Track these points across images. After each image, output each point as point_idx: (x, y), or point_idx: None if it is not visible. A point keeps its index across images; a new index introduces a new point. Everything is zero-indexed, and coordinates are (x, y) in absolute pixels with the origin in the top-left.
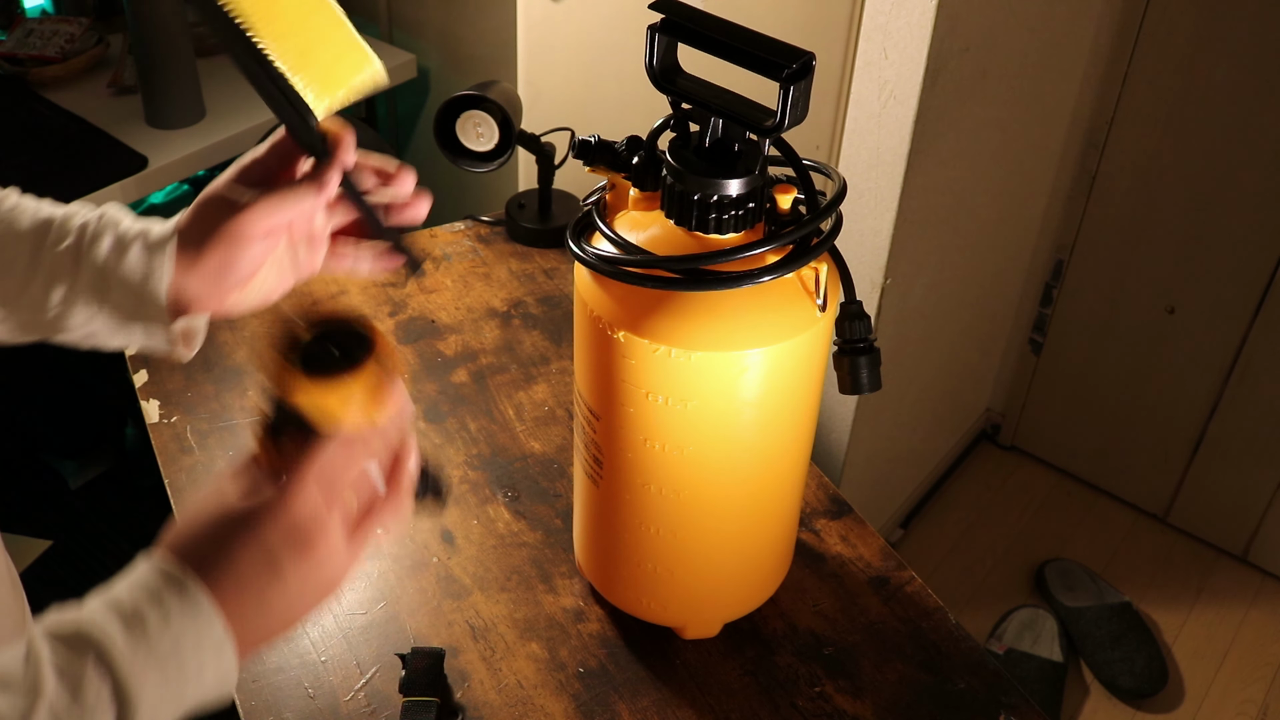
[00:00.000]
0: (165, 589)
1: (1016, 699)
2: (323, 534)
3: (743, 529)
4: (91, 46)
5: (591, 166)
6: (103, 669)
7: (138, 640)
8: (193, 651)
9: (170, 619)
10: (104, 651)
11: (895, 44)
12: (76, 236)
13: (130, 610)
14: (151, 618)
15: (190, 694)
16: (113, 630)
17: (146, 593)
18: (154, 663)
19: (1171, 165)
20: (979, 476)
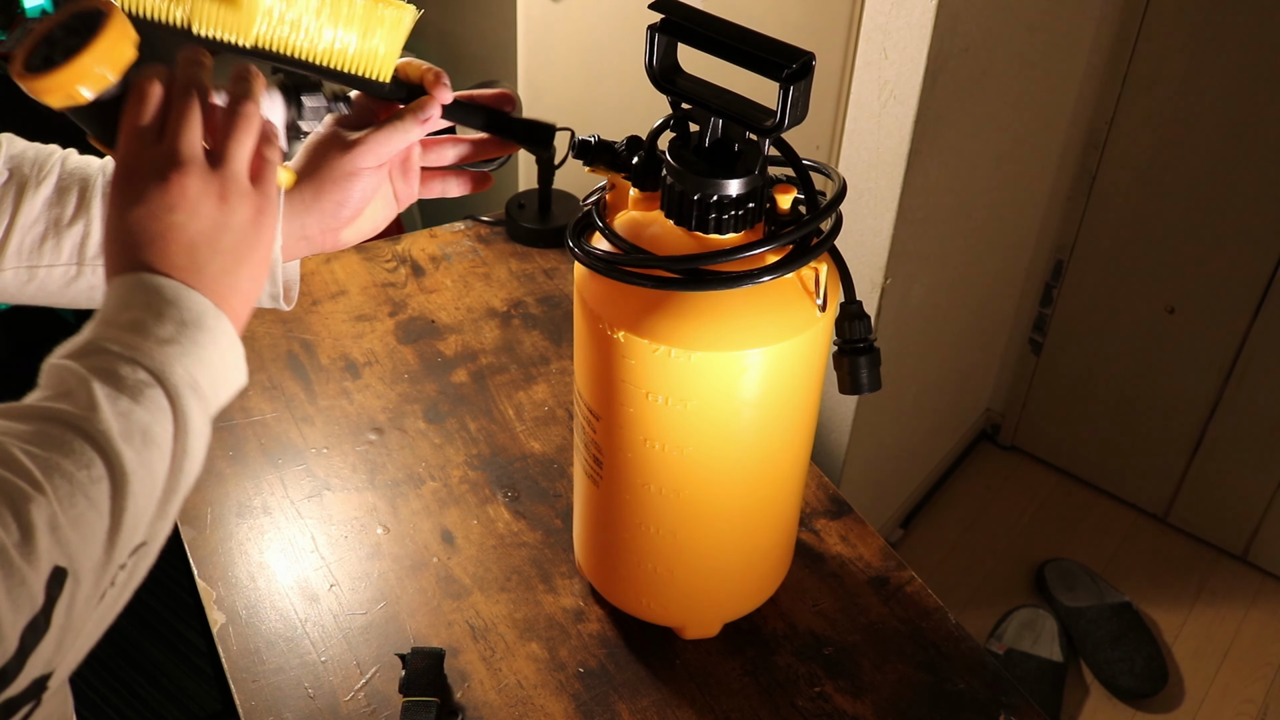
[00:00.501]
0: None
1: (1016, 699)
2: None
3: (743, 529)
4: None
5: (591, 166)
6: (158, 381)
7: (170, 345)
8: (216, 350)
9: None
10: (154, 366)
11: (895, 44)
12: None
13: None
14: (170, 326)
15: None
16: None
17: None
18: (192, 357)
19: (1171, 165)
20: (979, 476)
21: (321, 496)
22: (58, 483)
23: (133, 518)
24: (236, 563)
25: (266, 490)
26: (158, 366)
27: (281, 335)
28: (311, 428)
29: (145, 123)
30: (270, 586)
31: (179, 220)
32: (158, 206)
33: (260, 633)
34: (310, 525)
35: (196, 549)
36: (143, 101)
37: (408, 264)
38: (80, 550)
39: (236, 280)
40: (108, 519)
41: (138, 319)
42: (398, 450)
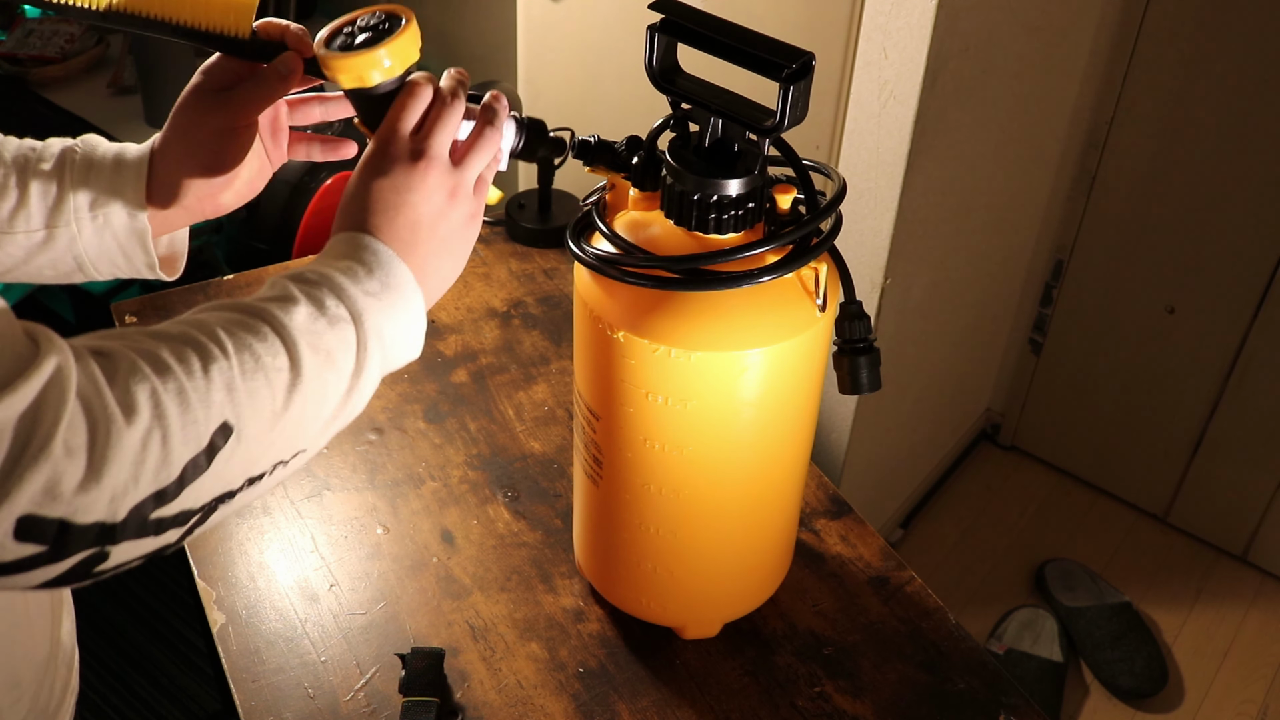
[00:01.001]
0: (389, 266)
1: (1016, 699)
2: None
3: (743, 529)
4: (91, 46)
5: (591, 166)
6: (354, 322)
7: (374, 297)
8: (398, 287)
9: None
10: (356, 310)
11: (895, 44)
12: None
13: (365, 274)
14: (360, 267)
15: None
16: (360, 292)
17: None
18: (387, 313)
19: (1171, 165)
20: (979, 476)
21: (321, 496)
22: (244, 357)
23: (299, 414)
24: (236, 563)
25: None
26: (357, 309)
27: None
28: None
29: (410, 115)
30: (270, 586)
31: (413, 200)
32: (401, 184)
33: (260, 633)
34: (310, 525)
35: (196, 549)
36: (413, 97)
37: None
38: (250, 417)
39: (440, 266)
40: (281, 403)
41: (352, 268)
42: (398, 450)
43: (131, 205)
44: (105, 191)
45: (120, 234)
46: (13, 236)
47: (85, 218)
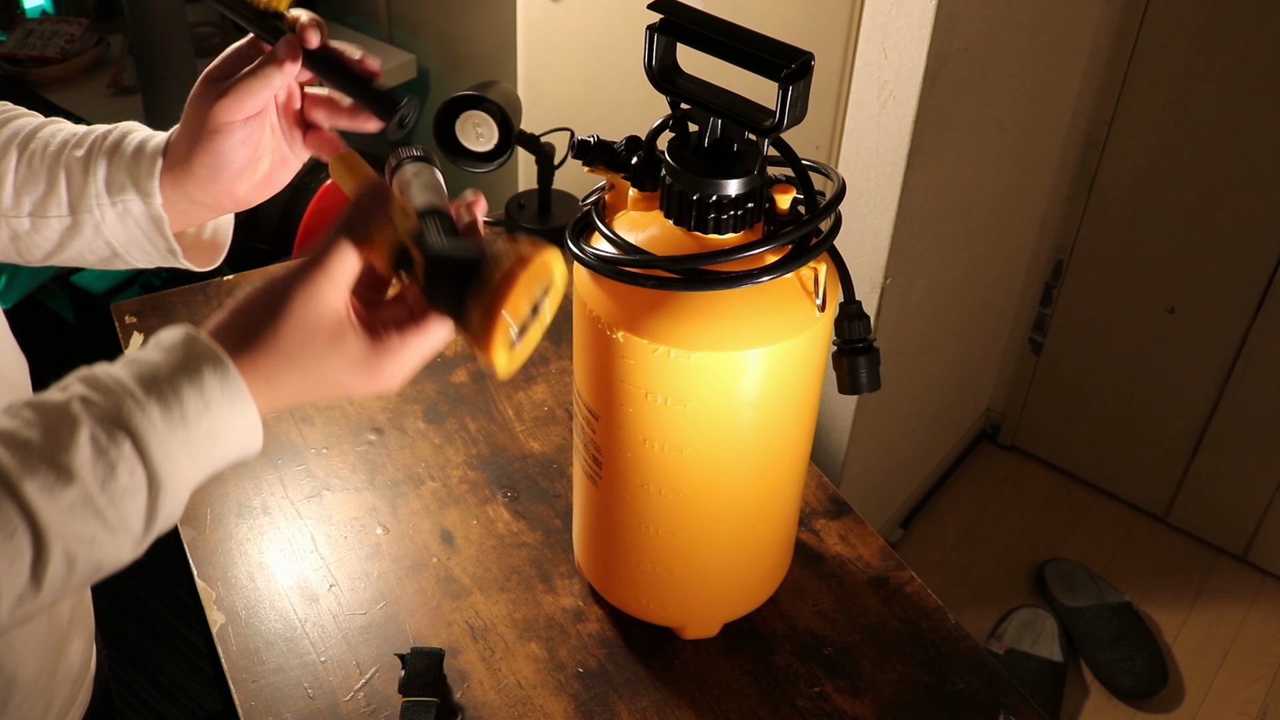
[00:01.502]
0: (207, 370)
1: (1016, 699)
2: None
3: (742, 529)
4: (91, 46)
5: (591, 167)
6: (140, 459)
7: (177, 428)
8: (224, 436)
9: (210, 404)
10: (143, 443)
11: (895, 44)
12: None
13: (170, 389)
14: (191, 402)
15: (212, 468)
16: (153, 415)
17: (186, 374)
18: (188, 447)
19: (1171, 165)
20: (979, 476)
21: (321, 497)
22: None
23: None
24: (236, 563)
25: (266, 490)
26: (156, 462)
27: None
28: (311, 428)
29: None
30: (270, 587)
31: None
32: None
33: (260, 633)
34: (310, 525)
35: (196, 549)
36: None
37: None
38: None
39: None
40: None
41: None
42: (397, 450)
43: (144, 192)
44: (123, 178)
45: (140, 221)
46: (46, 221)
47: (106, 203)
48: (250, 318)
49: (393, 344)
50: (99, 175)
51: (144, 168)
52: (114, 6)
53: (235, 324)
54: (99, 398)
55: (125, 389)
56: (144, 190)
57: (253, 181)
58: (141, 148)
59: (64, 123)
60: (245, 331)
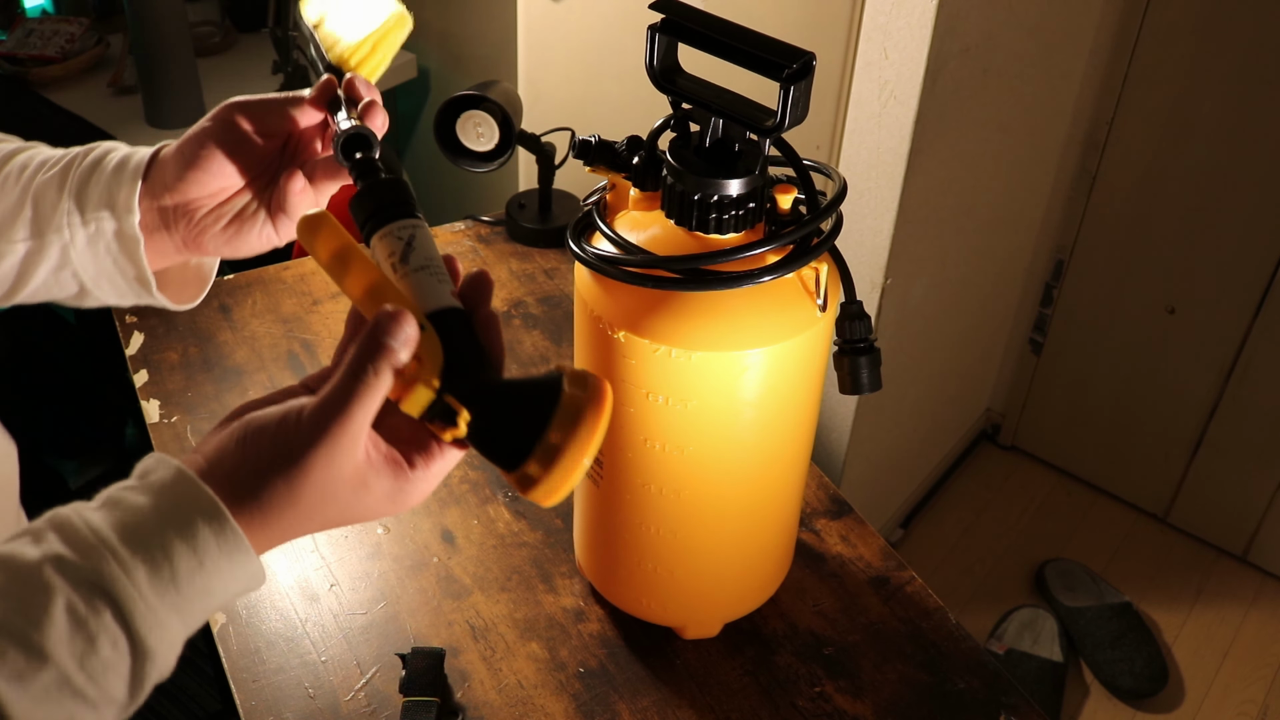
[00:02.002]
0: (201, 525)
1: (1016, 699)
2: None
3: (743, 529)
4: (91, 46)
5: (591, 166)
6: (122, 628)
7: (167, 590)
8: (221, 590)
9: (205, 563)
10: (127, 610)
11: (895, 44)
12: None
13: (158, 546)
14: (182, 561)
15: (207, 617)
16: (138, 578)
17: (177, 527)
18: (179, 610)
19: (1171, 165)
20: (979, 476)
21: None
22: None
23: None
24: None
25: None
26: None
27: (281, 335)
28: None
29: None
30: (270, 586)
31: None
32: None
33: (260, 633)
34: None
35: None
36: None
37: None
38: None
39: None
40: None
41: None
42: None
43: (122, 208)
44: (99, 193)
45: (112, 245)
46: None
47: (77, 223)
48: (258, 470)
49: (418, 474)
50: (71, 192)
51: (124, 183)
52: (114, 6)
53: (239, 472)
54: (76, 557)
55: (107, 545)
56: (121, 206)
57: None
58: (123, 164)
59: (43, 147)
60: (252, 485)
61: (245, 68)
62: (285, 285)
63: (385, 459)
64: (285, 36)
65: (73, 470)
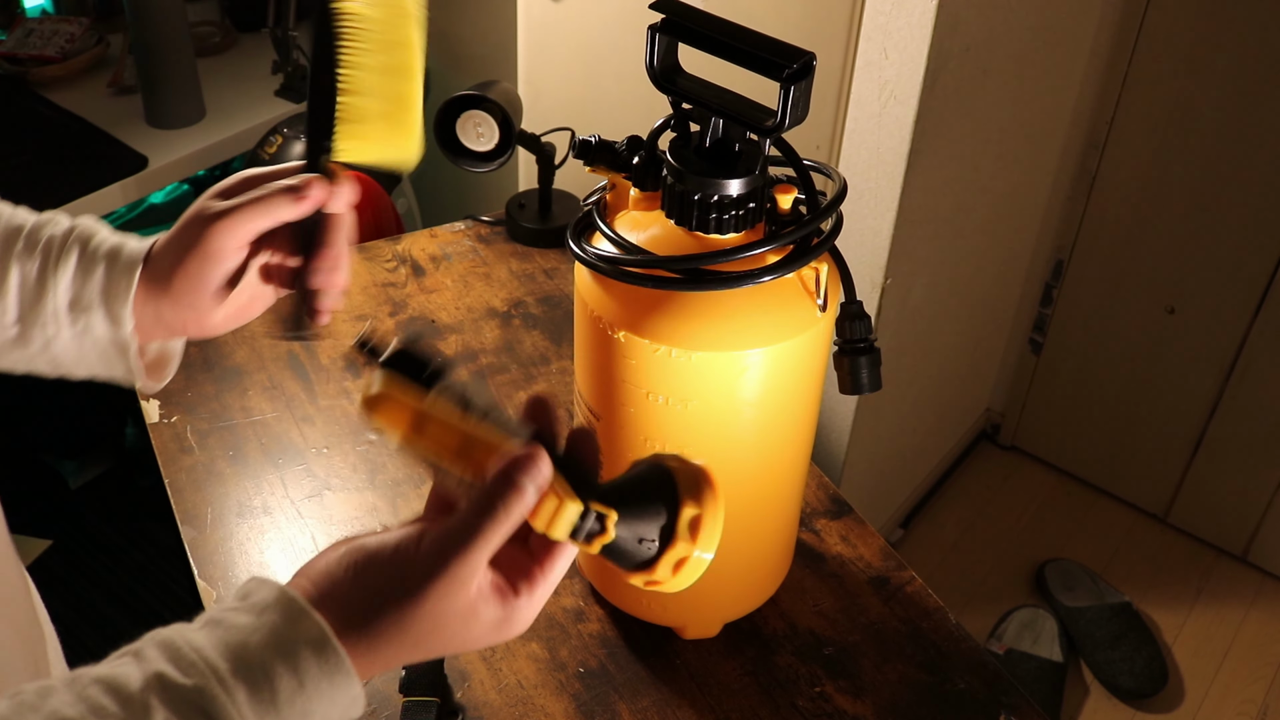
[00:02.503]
0: (305, 648)
1: (1016, 699)
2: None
3: (743, 529)
4: (91, 46)
5: (591, 166)
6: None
7: (264, 710)
8: (320, 714)
9: (305, 685)
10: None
11: (895, 44)
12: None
13: (259, 667)
14: (284, 683)
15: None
16: (238, 698)
17: (280, 650)
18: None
19: (1171, 165)
20: (979, 476)
21: (322, 496)
22: None
23: None
24: (237, 563)
25: (267, 490)
26: None
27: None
28: (312, 427)
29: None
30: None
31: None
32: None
33: None
34: (310, 525)
35: (196, 549)
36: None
37: (408, 264)
38: None
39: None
40: None
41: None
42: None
43: (114, 317)
44: (91, 295)
45: (101, 342)
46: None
47: (65, 320)
48: (370, 599)
49: (522, 600)
50: (60, 289)
51: (119, 285)
52: (114, 6)
53: (350, 599)
54: (178, 675)
55: (209, 664)
56: (114, 314)
57: (228, 311)
58: (115, 256)
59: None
60: (364, 611)
61: (245, 68)
62: None
63: (494, 588)
64: (285, 36)
65: (73, 470)
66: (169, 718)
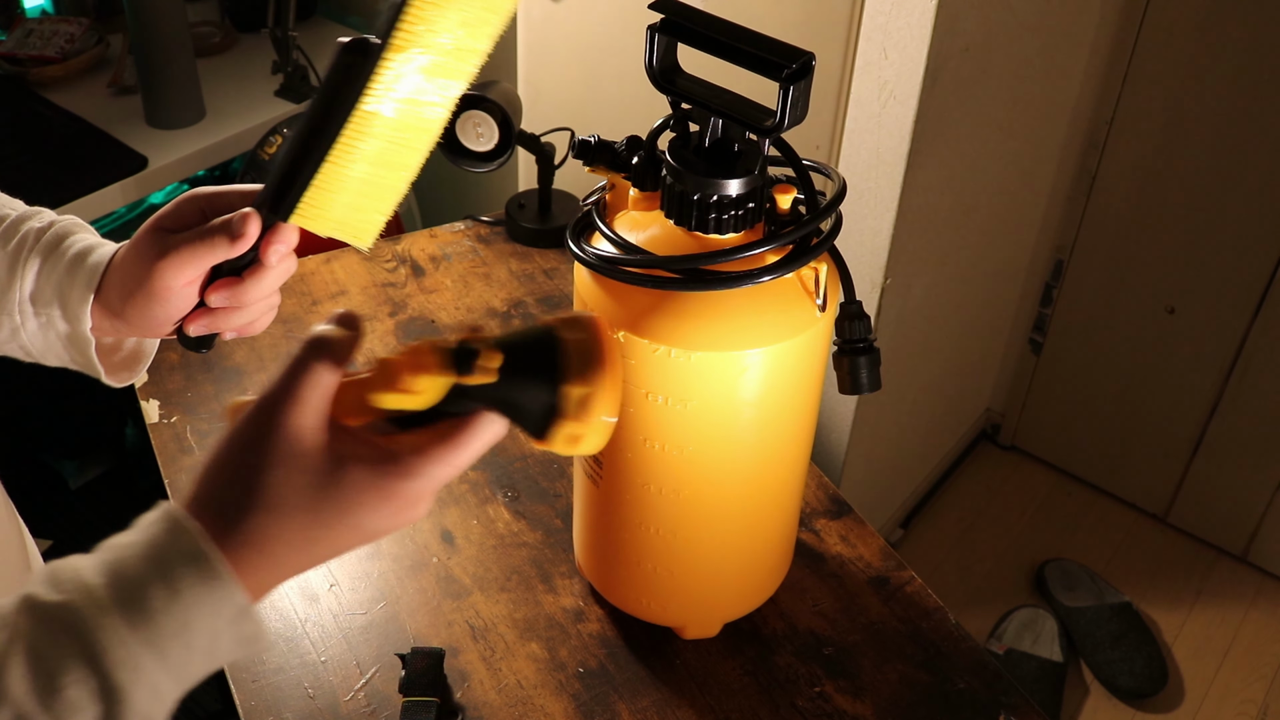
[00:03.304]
0: (178, 558)
1: (1016, 699)
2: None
3: (743, 529)
4: (91, 46)
5: (591, 166)
6: (88, 664)
7: (137, 623)
8: (204, 627)
9: (181, 593)
10: (92, 644)
11: (895, 44)
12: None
13: (134, 583)
14: (156, 591)
15: (199, 666)
16: (109, 614)
17: (155, 562)
18: (154, 646)
19: (1172, 164)
20: (979, 476)
21: None
22: None
23: None
24: None
25: None
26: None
27: (281, 335)
28: None
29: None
30: None
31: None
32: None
33: None
34: None
35: None
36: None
37: (408, 264)
38: None
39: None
40: None
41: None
42: None
43: (72, 316)
44: (53, 289)
45: (63, 337)
46: None
47: (29, 312)
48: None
49: (409, 466)
50: (27, 280)
51: (77, 288)
52: (114, 6)
53: (225, 501)
54: (49, 595)
55: (83, 585)
56: (72, 314)
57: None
58: (80, 259)
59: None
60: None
61: (245, 68)
62: (285, 285)
63: (360, 446)
64: (285, 37)
65: (73, 470)
66: (32, 633)
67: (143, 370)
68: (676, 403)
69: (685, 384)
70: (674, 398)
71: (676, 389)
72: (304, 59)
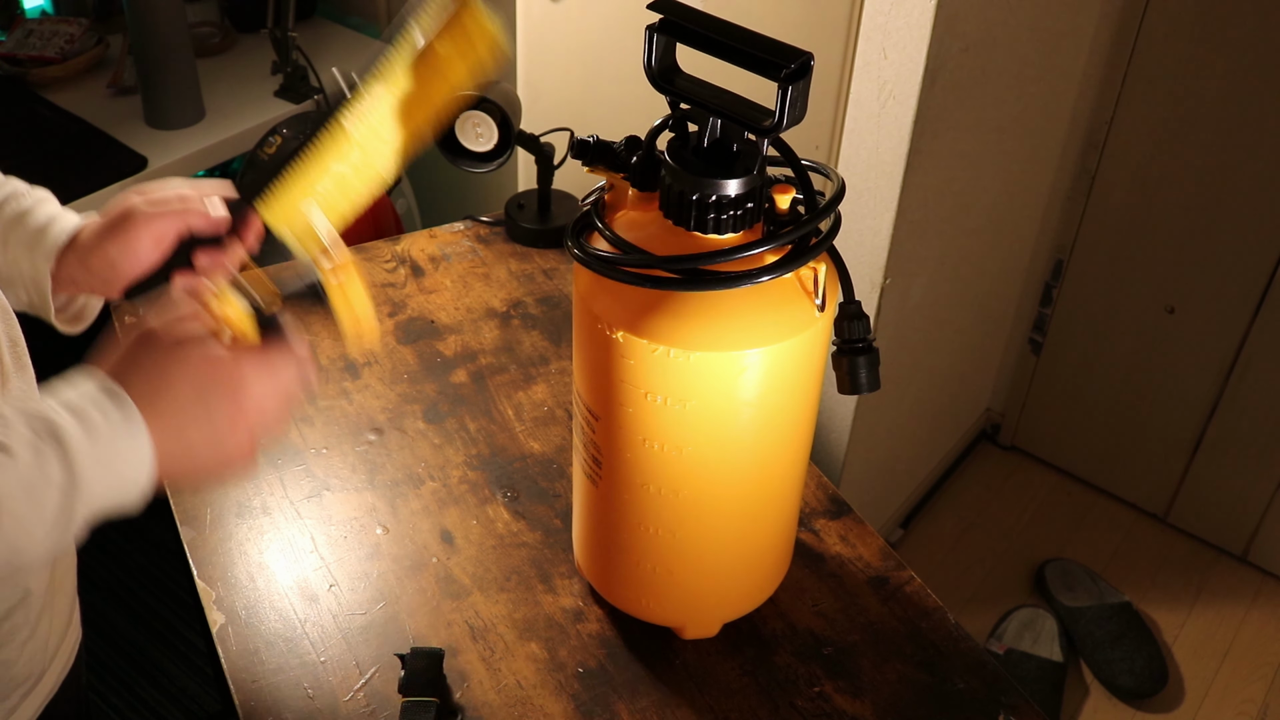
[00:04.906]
0: (107, 400)
1: (1016, 699)
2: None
3: (742, 529)
4: (91, 46)
5: (590, 167)
6: (61, 451)
7: (86, 435)
8: (125, 456)
9: (111, 424)
10: (63, 438)
11: (895, 44)
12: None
13: (80, 410)
14: (97, 420)
15: (112, 495)
16: (70, 423)
17: (92, 399)
18: (96, 457)
19: (1171, 165)
20: (979, 476)
21: (321, 497)
22: None
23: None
24: (236, 563)
25: (266, 490)
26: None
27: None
28: (311, 428)
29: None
30: (269, 587)
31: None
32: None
33: (260, 633)
34: (310, 525)
35: (196, 549)
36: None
37: (407, 264)
38: None
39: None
40: None
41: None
42: (397, 450)
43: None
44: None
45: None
46: None
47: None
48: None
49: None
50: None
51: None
52: (114, 6)
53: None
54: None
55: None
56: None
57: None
58: (44, 230)
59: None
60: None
61: (245, 68)
62: None
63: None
64: (285, 37)
65: None
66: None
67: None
68: (675, 403)
69: (684, 384)
70: (673, 398)
71: (676, 389)
72: (303, 59)
